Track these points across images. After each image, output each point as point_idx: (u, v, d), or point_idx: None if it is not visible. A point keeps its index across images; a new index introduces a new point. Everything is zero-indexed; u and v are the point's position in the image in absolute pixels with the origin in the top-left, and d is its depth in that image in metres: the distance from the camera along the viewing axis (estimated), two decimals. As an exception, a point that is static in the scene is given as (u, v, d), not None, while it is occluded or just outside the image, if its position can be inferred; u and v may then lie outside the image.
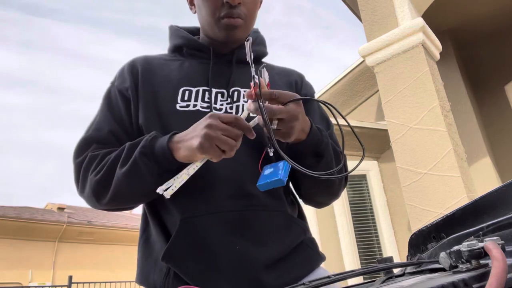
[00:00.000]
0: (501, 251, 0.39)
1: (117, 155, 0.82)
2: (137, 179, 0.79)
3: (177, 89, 0.90)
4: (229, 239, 0.80)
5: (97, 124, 0.91)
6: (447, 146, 3.03)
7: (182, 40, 0.99)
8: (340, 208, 4.32)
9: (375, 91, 5.14)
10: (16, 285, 12.10)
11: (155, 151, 0.78)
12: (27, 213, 13.57)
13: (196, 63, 0.95)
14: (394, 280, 0.52)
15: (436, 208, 2.94)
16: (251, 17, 0.94)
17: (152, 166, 0.78)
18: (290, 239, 0.85)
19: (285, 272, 0.82)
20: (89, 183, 0.84)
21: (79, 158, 0.87)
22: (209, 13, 0.91)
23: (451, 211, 0.61)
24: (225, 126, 0.71)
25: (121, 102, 0.91)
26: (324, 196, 0.97)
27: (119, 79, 0.95)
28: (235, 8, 0.88)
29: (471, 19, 4.65)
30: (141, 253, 0.89)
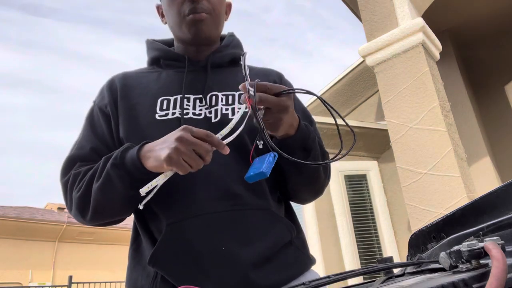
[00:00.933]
0: (501, 251, 0.39)
1: (94, 170, 0.84)
2: (111, 190, 0.81)
3: (156, 99, 0.92)
4: (214, 240, 0.80)
5: (79, 143, 0.94)
6: (447, 146, 3.03)
7: (158, 52, 1.02)
8: (340, 208, 4.32)
9: (375, 91, 5.14)
10: (16, 285, 12.10)
11: (125, 161, 0.79)
12: (27, 213, 13.57)
13: (173, 73, 0.98)
14: (394, 280, 0.52)
15: (436, 208, 2.94)
16: (216, 11, 0.95)
17: (123, 176, 0.79)
18: (276, 237, 0.85)
19: (273, 273, 0.82)
20: (73, 200, 0.86)
21: (65, 178, 0.90)
22: (175, 13, 0.93)
23: (451, 211, 0.61)
24: (196, 141, 0.71)
25: (102, 119, 0.94)
26: (309, 192, 0.98)
27: (99, 97, 0.98)
28: (198, 3, 0.91)
29: (471, 19, 4.65)
30: (130, 261, 0.91)
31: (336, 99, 5.59)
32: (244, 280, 0.79)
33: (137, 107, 0.92)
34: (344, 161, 4.61)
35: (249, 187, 0.83)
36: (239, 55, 1.02)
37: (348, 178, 4.56)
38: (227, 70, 0.99)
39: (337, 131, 0.77)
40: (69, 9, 45.87)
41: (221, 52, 1.00)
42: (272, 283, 0.80)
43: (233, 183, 0.83)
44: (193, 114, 0.90)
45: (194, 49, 0.98)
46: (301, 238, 0.94)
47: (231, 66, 1.01)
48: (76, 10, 45.63)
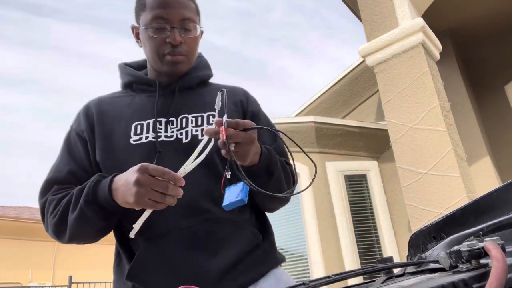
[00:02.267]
0: (501, 251, 0.39)
1: (68, 201, 0.90)
2: (86, 222, 0.87)
3: (130, 125, 0.97)
4: (186, 253, 0.87)
5: (57, 166, 0.99)
6: (447, 146, 3.03)
7: (130, 77, 1.07)
8: (340, 208, 4.32)
9: (375, 91, 5.14)
10: (16, 285, 12.10)
11: (98, 198, 0.85)
12: (27, 213, 13.57)
13: (145, 97, 1.03)
14: (394, 280, 0.52)
15: (436, 208, 2.94)
16: (192, 53, 1.03)
17: (97, 211, 0.86)
18: (241, 245, 0.92)
19: (241, 274, 0.89)
20: (49, 224, 0.93)
21: (42, 200, 0.96)
22: (154, 50, 0.99)
23: (451, 211, 0.61)
24: (153, 181, 0.76)
25: (79, 144, 0.99)
26: (274, 204, 1.04)
27: (76, 123, 1.03)
28: (176, 46, 0.98)
29: (471, 19, 4.66)
30: (114, 275, 0.97)
31: (336, 99, 5.59)
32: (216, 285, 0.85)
33: (113, 132, 0.97)
34: (344, 161, 4.61)
35: (217, 201, 0.89)
36: (207, 76, 1.10)
37: (348, 178, 4.56)
38: (196, 91, 1.05)
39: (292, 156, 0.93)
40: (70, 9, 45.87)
41: (190, 75, 1.06)
42: (241, 283, 0.88)
43: (201, 199, 0.90)
44: (165, 137, 0.96)
45: (166, 76, 1.04)
46: (269, 239, 1.00)
47: (199, 87, 1.07)
48: (78, 10, 45.62)
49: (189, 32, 1.00)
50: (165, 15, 0.96)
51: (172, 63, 0.99)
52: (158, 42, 0.98)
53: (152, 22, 0.97)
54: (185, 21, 0.98)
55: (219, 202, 0.87)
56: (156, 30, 0.97)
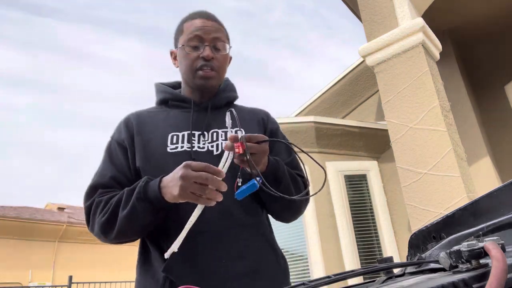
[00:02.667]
0: (501, 251, 0.39)
1: (118, 200, 1.01)
2: (136, 219, 0.98)
3: (166, 135, 1.11)
4: (216, 253, 0.99)
5: (100, 172, 1.11)
6: (447, 146, 3.03)
7: (167, 94, 1.22)
8: (340, 208, 4.32)
9: (375, 91, 5.14)
10: (16, 285, 12.10)
11: (149, 195, 0.96)
12: (27, 213, 13.57)
13: (179, 112, 1.17)
14: (394, 280, 0.52)
15: (436, 208, 2.94)
16: (222, 69, 1.18)
17: (147, 207, 0.97)
18: (261, 253, 1.06)
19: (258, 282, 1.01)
20: (97, 224, 1.03)
21: (88, 203, 1.07)
22: (188, 65, 1.14)
23: (451, 211, 0.61)
24: (195, 174, 0.87)
25: (120, 151, 1.12)
26: (288, 213, 1.17)
27: (117, 133, 1.17)
28: (208, 61, 1.13)
29: (471, 19, 4.66)
30: (139, 271, 1.07)
31: (336, 99, 5.59)
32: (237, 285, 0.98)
33: (151, 141, 1.10)
34: (344, 161, 4.61)
35: (244, 208, 1.04)
36: (234, 98, 1.26)
37: (348, 178, 4.56)
38: (224, 110, 1.15)
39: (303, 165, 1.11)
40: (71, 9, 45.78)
41: (219, 96, 1.21)
42: None
43: (232, 205, 1.02)
44: (198, 148, 1.09)
45: (199, 94, 1.19)
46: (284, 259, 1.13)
47: (227, 106, 1.21)
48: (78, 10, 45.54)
49: (219, 50, 1.16)
50: (199, 34, 1.13)
51: (203, 78, 1.13)
52: (193, 58, 1.13)
53: (188, 41, 1.14)
54: (216, 41, 1.15)
55: (247, 208, 1.05)
56: (191, 48, 1.14)
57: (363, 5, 3.84)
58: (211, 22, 1.16)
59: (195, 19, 1.17)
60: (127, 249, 14.83)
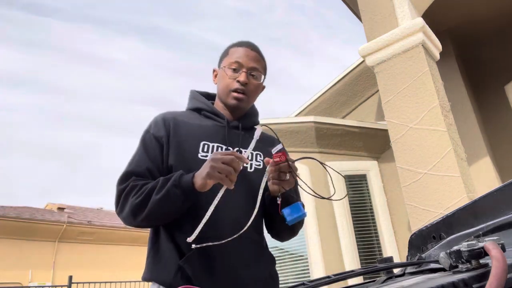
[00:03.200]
0: (501, 251, 0.39)
1: (153, 186, 1.11)
2: (167, 202, 1.09)
3: (199, 142, 1.23)
4: (229, 259, 1.11)
5: (137, 162, 1.21)
6: (447, 146, 3.03)
7: (203, 104, 1.35)
8: (340, 208, 4.32)
9: (375, 91, 5.14)
10: (16, 285, 12.09)
11: (182, 184, 1.08)
12: (27, 213, 13.56)
13: (212, 124, 1.30)
14: (394, 280, 0.52)
15: (436, 208, 2.94)
16: (253, 95, 1.32)
17: (179, 194, 1.08)
18: (265, 265, 1.21)
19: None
20: (129, 205, 1.12)
21: (122, 186, 1.16)
22: (226, 85, 1.29)
23: (451, 211, 0.61)
24: (222, 156, 1.02)
25: (156, 146, 1.22)
26: (288, 234, 1.31)
27: (155, 128, 1.26)
28: (243, 85, 1.27)
29: (471, 19, 4.66)
30: (152, 258, 1.17)
31: (336, 99, 5.59)
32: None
33: (185, 144, 1.22)
34: (344, 161, 4.61)
35: (253, 225, 1.12)
36: (257, 123, 1.41)
37: (348, 178, 4.56)
38: (249, 132, 1.31)
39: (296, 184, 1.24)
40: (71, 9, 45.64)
41: (248, 119, 1.36)
42: None
43: (244, 219, 1.10)
44: None
45: (229, 112, 1.33)
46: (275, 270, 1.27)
47: (252, 130, 1.33)
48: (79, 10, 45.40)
49: (255, 78, 1.30)
50: (240, 61, 1.28)
51: (236, 99, 1.27)
52: (230, 79, 1.28)
53: (230, 64, 1.28)
54: (254, 70, 1.29)
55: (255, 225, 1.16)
56: (232, 70, 1.28)
57: (363, 5, 3.84)
58: (254, 53, 1.31)
59: (241, 46, 1.32)
60: (127, 249, 14.83)
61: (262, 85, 1.36)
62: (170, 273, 1.09)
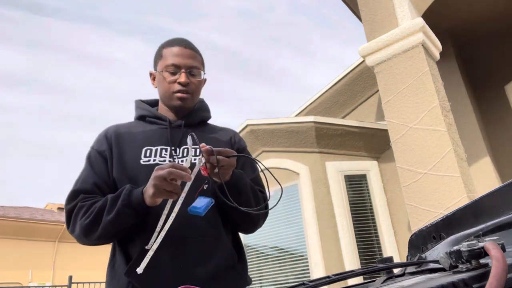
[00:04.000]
0: (501, 251, 0.39)
1: (102, 206, 1.09)
2: (120, 223, 1.08)
3: (141, 149, 1.21)
4: (175, 259, 1.08)
5: (83, 179, 1.19)
6: (447, 146, 3.03)
7: (145, 111, 1.33)
8: (340, 208, 4.32)
9: (375, 91, 5.14)
10: (16, 285, 12.10)
11: (133, 202, 1.06)
12: (27, 213, 13.57)
13: (155, 128, 1.28)
14: (394, 280, 0.52)
15: (436, 208, 2.94)
16: (196, 93, 1.30)
17: (131, 213, 1.06)
18: (220, 260, 1.14)
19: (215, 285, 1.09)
20: (78, 226, 1.11)
21: (69, 206, 1.15)
22: (167, 89, 1.27)
23: (451, 211, 0.61)
24: (163, 173, 0.97)
25: (100, 161, 1.21)
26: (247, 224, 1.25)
27: (97, 143, 1.26)
28: (184, 86, 1.25)
29: (471, 19, 4.66)
30: (108, 276, 1.16)
31: (336, 99, 5.59)
32: None
33: (126, 153, 1.20)
34: (344, 161, 4.61)
35: (206, 219, 1.10)
36: (207, 118, 1.38)
37: (348, 178, 4.56)
38: (197, 129, 1.29)
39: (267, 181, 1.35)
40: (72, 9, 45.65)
41: (193, 115, 1.33)
42: None
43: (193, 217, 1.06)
44: (169, 161, 1.19)
45: (174, 113, 1.31)
46: (243, 263, 1.23)
47: (200, 125, 1.34)
48: (80, 10, 45.40)
49: (195, 76, 1.28)
50: (177, 62, 1.25)
51: (180, 99, 1.25)
52: (170, 82, 1.25)
53: (167, 67, 1.25)
54: (192, 68, 1.27)
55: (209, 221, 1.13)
56: (170, 73, 1.25)
57: (363, 5, 3.84)
58: (188, 50, 1.28)
59: (174, 46, 1.28)
60: (127, 249, 14.81)
61: (203, 80, 1.33)
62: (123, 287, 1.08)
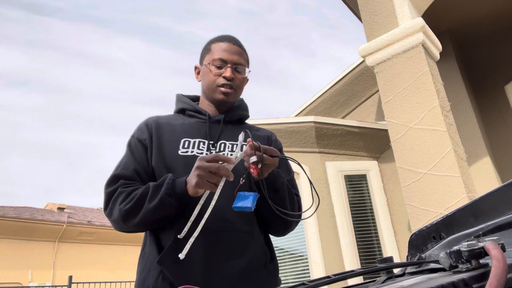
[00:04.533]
0: (501, 251, 0.39)
1: (144, 193, 1.12)
2: (162, 211, 1.10)
3: (179, 140, 1.24)
4: (207, 251, 1.09)
5: (124, 165, 1.23)
6: (447, 146, 3.03)
7: (185, 105, 1.37)
8: (340, 208, 4.32)
9: (375, 91, 5.14)
10: (16, 285, 12.10)
11: (176, 191, 1.08)
12: (27, 213, 13.57)
13: (195, 122, 1.31)
14: (394, 280, 0.52)
15: (436, 208, 2.94)
16: (239, 89, 1.34)
17: (173, 202, 1.09)
18: (252, 257, 1.14)
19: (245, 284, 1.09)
20: (117, 211, 1.13)
21: (109, 189, 1.18)
22: (212, 82, 1.30)
23: (451, 211, 0.61)
24: (208, 165, 1.00)
25: (140, 149, 1.25)
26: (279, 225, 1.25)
27: (138, 132, 1.30)
28: (229, 80, 1.28)
29: (471, 19, 4.65)
30: (140, 265, 1.17)
31: (336, 99, 5.59)
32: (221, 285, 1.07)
33: (165, 143, 1.24)
34: (344, 161, 4.61)
35: (240, 215, 1.12)
36: (245, 116, 1.40)
37: (348, 178, 4.56)
38: (235, 126, 1.34)
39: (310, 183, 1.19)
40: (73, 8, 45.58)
41: (232, 112, 1.35)
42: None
43: (227, 209, 1.08)
44: (205, 154, 1.20)
45: (214, 108, 1.34)
46: (274, 263, 1.23)
47: (238, 123, 1.37)
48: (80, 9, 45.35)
49: (240, 73, 1.32)
50: (224, 57, 1.29)
51: (223, 93, 1.29)
52: (215, 75, 1.29)
53: (214, 61, 1.29)
54: (238, 65, 1.30)
55: (242, 215, 1.12)
56: (216, 67, 1.29)
57: (363, 5, 3.84)
58: (236, 47, 1.32)
59: (222, 42, 1.32)
60: (127, 248, 14.83)
61: (247, 78, 1.37)
62: (154, 276, 1.09)
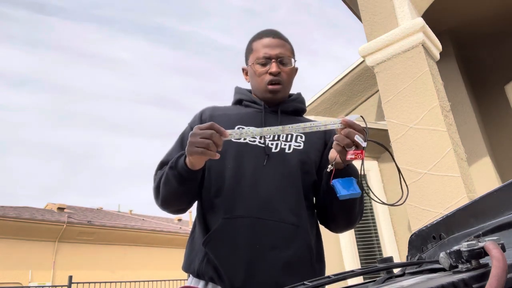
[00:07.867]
0: (501, 251, 0.39)
1: (163, 172, 1.18)
2: (168, 185, 1.14)
3: (233, 126, 1.23)
4: (252, 238, 1.08)
5: (170, 152, 1.28)
6: (447, 146, 3.03)
7: (243, 95, 1.36)
8: (340, 208, 4.32)
9: (375, 91, 5.14)
10: (16, 285, 12.10)
11: (178, 165, 1.11)
12: (27, 213, 13.56)
13: (251, 111, 1.31)
14: (394, 280, 0.52)
15: (436, 208, 2.94)
16: (288, 82, 1.30)
17: (175, 174, 1.11)
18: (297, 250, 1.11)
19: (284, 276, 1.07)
20: (152, 191, 1.23)
21: (154, 176, 1.24)
22: (258, 81, 1.28)
23: (451, 211, 0.61)
24: (200, 131, 1.00)
25: None
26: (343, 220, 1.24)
27: (192, 120, 1.34)
28: (276, 75, 1.25)
29: (471, 19, 4.65)
30: (188, 248, 1.21)
31: (336, 99, 5.59)
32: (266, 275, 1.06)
33: None
34: (344, 161, 4.61)
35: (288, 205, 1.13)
36: (301, 109, 1.38)
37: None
38: (290, 117, 1.31)
39: None
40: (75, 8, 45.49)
41: (288, 103, 1.33)
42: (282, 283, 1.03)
43: (275, 197, 1.12)
44: (259, 143, 1.21)
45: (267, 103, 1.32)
46: (321, 264, 1.22)
47: (293, 114, 1.34)
48: (83, 9, 45.26)
49: (285, 65, 1.27)
50: (267, 53, 1.26)
51: (271, 91, 1.26)
52: (261, 73, 1.27)
53: (257, 59, 1.27)
54: (282, 57, 1.26)
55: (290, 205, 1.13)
56: (261, 65, 1.26)
57: (363, 5, 3.84)
58: (277, 40, 1.28)
59: (262, 38, 1.30)
60: (127, 248, 14.82)
61: (295, 68, 1.33)
62: (199, 259, 1.12)
